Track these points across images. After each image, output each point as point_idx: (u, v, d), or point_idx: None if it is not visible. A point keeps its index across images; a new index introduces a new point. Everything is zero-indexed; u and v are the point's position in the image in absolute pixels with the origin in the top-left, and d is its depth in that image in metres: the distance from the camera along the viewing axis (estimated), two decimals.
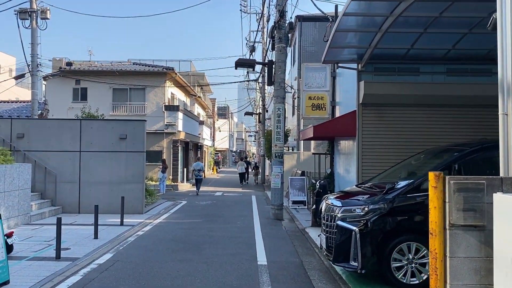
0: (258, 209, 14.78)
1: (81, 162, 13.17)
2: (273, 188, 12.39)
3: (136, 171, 13.22)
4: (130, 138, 13.24)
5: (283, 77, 12.48)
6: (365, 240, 5.58)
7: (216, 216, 12.79)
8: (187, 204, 16.03)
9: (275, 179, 12.31)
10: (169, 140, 23.53)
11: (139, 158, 13.26)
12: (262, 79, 29.02)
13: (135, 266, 6.89)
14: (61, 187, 13.04)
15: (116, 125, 13.38)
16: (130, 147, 13.23)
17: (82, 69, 23.29)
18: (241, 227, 10.85)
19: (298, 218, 12.51)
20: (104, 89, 23.30)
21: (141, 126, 13.38)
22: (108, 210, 12.85)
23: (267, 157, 27.10)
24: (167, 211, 13.96)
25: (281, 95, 12.47)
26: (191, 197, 18.82)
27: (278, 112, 12.40)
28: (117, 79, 23.09)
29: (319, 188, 9.82)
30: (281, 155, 12.39)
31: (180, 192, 21.83)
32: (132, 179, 13.17)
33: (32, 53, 18.99)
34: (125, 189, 13.06)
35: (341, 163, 9.79)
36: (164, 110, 23.37)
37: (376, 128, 8.48)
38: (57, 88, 23.51)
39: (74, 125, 13.33)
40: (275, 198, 12.31)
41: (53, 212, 12.49)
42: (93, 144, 13.21)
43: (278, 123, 12.37)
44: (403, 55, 8.42)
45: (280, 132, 12.40)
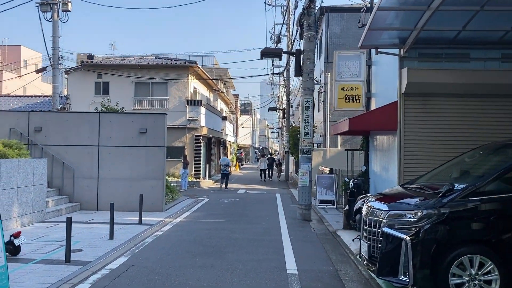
0: (284, 208, 13.97)
1: (100, 157, 12.63)
2: (300, 186, 11.55)
3: (157, 166, 12.60)
4: (150, 132, 12.61)
5: (312, 67, 11.60)
6: (418, 251, 4.71)
7: (240, 216, 12.05)
8: (209, 202, 15.35)
9: (303, 176, 11.47)
10: (191, 135, 22.93)
11: (159, 153, 12.62)
12: (286, 73, 28.14)
13: (151, 272, 6.18)
14: (79, 183, 12.53)
15: (136, 119, 12.77)
16: (150, 141, 12.61)
17: (104, 63, 22.90)
18: (267, 228, 10.07)
19: (327, 219, 11.65)
20: (126, 83, 22.85)
21: (161, 119, 12.74)
22: (127, 207, 12.29)
23: (291, 154, 26.25)
24: (188, 209, 13.30)
25: (310, 86, 11.60)
26: (213, 194, 18.15)
27: (307, 105, 11.54)
28: (139, 73, 22.60)
29: (353, 187, 8.94)
30: (309, 151, 11.54)
31: (202, 189, 21.21)
32: (152, 175, 12.56)
33: (53, 46, 18.63)
34: (145, 186, 12.46)
35: (378, 161, 8.88)
36: (186, 105, 22.77)
37: (420, 121, 7.54)
38: (79, 82, 23.19)
39: (92, 118, 12.79)
40: (302, 197, 11.47)
41: (70, 209, 11.99)
42: (112, 138, 12.64)
43: (306, 116, 11.51)
44: (451, 39, 7.44)
45: (308, 126, 11.54)
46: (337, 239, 9.04)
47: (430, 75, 7.37)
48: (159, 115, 12.94)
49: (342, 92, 9.54)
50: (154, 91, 22.98)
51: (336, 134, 9.78)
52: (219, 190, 20.19)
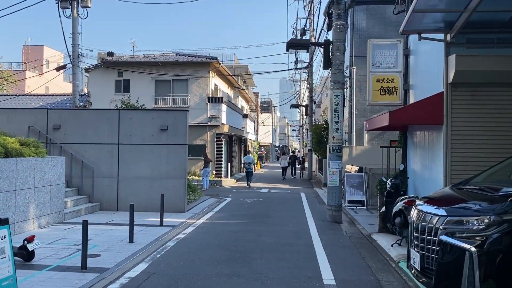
0: (310, 208, 13.28)
1: (120, 156, 12.19)
2: (330, 186, 10.86)
3: (178, 165, 12.08)
4: (172, 130, 12.11)
5: (341, 59, 10.89)
6: (486, 264, 4.00)
7: (265, 217, 11.43)
8: (232, 202, 14.78)
9: (333, 175, 10.77)
10: (212, 133, 22.43)
11: (181, 151, 12.10)
12: (309, 69, 27.38)
13: (173, 282, 5.62)
14: (98, 182, 12.12)
15: (157, 116, 12.28)
16: (172, 139, 12.10)
17: (124, 60, 22.59)
18: (295, 232, 9.42)
19: (359, 220, 10.93)
20: (146, 81, 22.51)
21: (182, 116, 12.21)
22: (148, 207, 11.83)
23: (315, 152, 25.50)
24: (211, 210, 12.76)
25: (340, 79, 10.89)
26: (236, 194, 17.58)
27: (336, 99, 10.83)
28: (159, 71, 22.22)
29: (391, 187, 8.20)
30: (339, 149, 10.83)
31: (224, 188, 20.68)
32: (174, 174, 12.05)
33: (73, 43, 18.36)
34: (166, 185, 11.97)
35: (418, 158, 8.13)
36: (207, 102, 22.27)
37: (470, 114, 6.77)
38: (99, 80, 22.96)
39: (112, 115, 12.35)
40: (332, 198, 10.77)
41: (90, 210, 11.59)
42: (132, 136, 12.19)
43: (335, 111, 10.81)
44: (506, 22, 6.65)
45: (338, 122, 10.84)
46: (373, 244, 8.33)
47: (480, 63, 6.60)
48: (180, 111, 12.42)
49: (377, 84, 8.79)
50: (174, 89, 22.57)
51: (372, 129, 9.06)
52: (241, 190, 19.63)
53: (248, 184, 21.30)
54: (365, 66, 22.67)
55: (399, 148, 9.33)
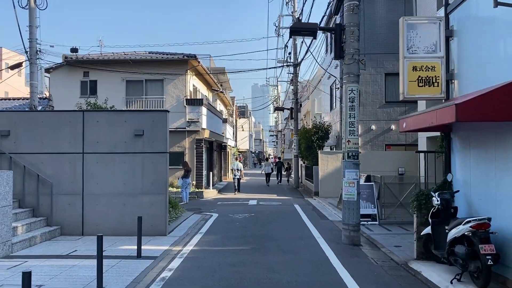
0: (314, 225, 11.34)
1: (85, 168, 9.93)
2: (346, 200, 8.93)
3: (157, 178, 9.93)
4: (149, 135, 9.95)
5: (356, 46, 9.04)
6: None
7: (267, 239, 9.39)
8: (220, 219, 12.67)
9: (349, 187, 8.85)
10: (191, 139, 20.25)
11: (160, 161, 9.96)
12: (294, 69, 25.59)
13: None
14: (58, 200, 9.82)
15: (130, 118, 10.09)
16: (149, 146, 9.95)
17: (90, 58, 20.16)
18: (313, 262, 7.43)
19: (379, 241, 9.07)
20: (116, 81, 20.15)
21: (162, 118, 10.08)
22: (121, 230, 9.65)
23: (303, 158, 23.67)
24: (197, 230, 10.64)
25: (355, 71, 9.04)
26: (221, 208, 15.47)
27: (351, 95, 8.96)
28: (131, 70, 19.92)
29: (440, 204, 6.35)
30: (356, 155, 8.95)
31: (206, 200, 18.51)
32: (152, 189, 9.89)
33: (30, 38, 15.95)
34: (143, 203, 9.81)
35: (475, 166, 6.31)
36: (185, 105, 20.09)
37: None
38: (62, 81, 20.43)
39: (74, 118, 10.08)
40: (349, 215, 8.85)
41: (47, 235, 9.27)
42: (100, 143, 9.96)
43: (351, 110, 8.93)
44: None
45: (354, 123, 8.96)
46: (418, 278, 6.44)
47: None
48: (159, 112, 10.29)
49: (414, 73, 6.95)
50: (148, 90, 20.28)
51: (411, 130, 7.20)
52: (226, 202, 17.52)
53: (237, 190, 21.55)
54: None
55: (440, 153, 7.51)
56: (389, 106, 20.42)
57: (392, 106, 20.39)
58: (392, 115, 20.43)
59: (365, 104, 20.54)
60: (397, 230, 10.43)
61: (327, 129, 21.03)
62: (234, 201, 17.89)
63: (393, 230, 10.40)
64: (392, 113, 20.43)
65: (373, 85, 20.51)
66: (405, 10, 20.90)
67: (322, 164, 19.14)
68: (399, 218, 11.37)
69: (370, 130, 20.48)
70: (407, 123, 7.11)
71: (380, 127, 20.33)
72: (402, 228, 10.66)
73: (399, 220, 11.37)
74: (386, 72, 20.38)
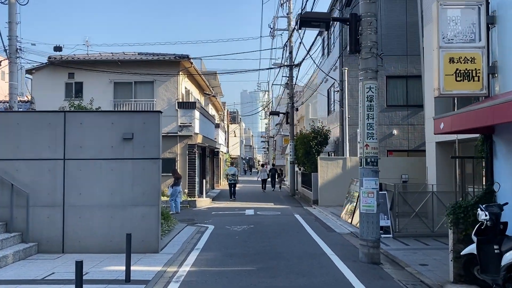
0: (322, 239, 10.29)
1: (66, 176, 8.77)
2: (364, 213, 7.90)
3: (149, 187, 8.81)
4: (139, 139, 8.84)
5: (374, 39, 8.10)
6: None
7: (273, 257, 8.30)
8: (217, 232, 11.55)
9: (368, 198, 7.83)
10: (183, 144, 19.10)
11: (152, 168, 8.83)
12: (289, 71, 24.64)
13: None
14: (36, 213, 8.64)
15: (118, 120, 8.96)
16: (139, 151, 8.83)
17: (76, 59, 18.93)
18: (331, 284, 6.36)
19: (400, 257, 8.06)
20: (103, 83, 18.95)
21: (154, 120, 8.97)
22: (108, 247, 8.52)
23: (299, 164, 22.65)
24: (193, 246, 9.51)
25: (372, 66, 8.09)
26: (217, 218, 14.34)
27: (369, 93, 7.98)
28: (119, 71, 18.74)
29: (490, 219, 5.34)
30: (375, 161, 7.94)
31: (200, 210, 17.34)
32: (143, 200, 8.76)
33: (9, 35, 14.79)
34: (132, 216, 8.68)
35: None
36: (177, 108, 18.95)
37: None
38: (46, 83, 19.16)
39: (55, 120, 8.92)
40: (368, 229, 7.82)
41: (22, 254, 8.07)
42: (84, 148, 8.82)
43: (369, 110, 7.95)
44: None
45: (373, 125, 7.97)
46: None
47: None
48: (151, 113, 9.19)
49: (451, 66, 5.99)
50: (137, 93, 19.11)
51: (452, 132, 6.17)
52: (221, 211, 16.39)
53: (233, 197, 21.17)
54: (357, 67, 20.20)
55: (480, 158, 6.52)
56: (391, 110, 19.55)
57: (394, 110, 19.52)
58: (393, 119, 19.55)
59: None
60: (415, 244, 9.42)
61: (326, 134, 20.06)
62: (229, 210, 16.76)
63: (411, 244, 9.39)
64: (394, 117, 19.56)
65: None
66: (406, 10, 20.13)
67: (321, 171, 18.13)
68: (414, 230, 10.38)
69: None
70: (446, 123, 6.10)
71: (381, 132, 19.41)
72: (419, 242, 9.66)
73: (415, 233, 10.37)
74: (388, 75, 19.54)
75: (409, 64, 19.47)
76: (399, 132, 19.47)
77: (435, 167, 13.91)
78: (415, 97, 19.66)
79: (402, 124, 19.48)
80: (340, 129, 19.76)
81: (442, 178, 13.71)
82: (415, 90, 19.70)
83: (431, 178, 14.16)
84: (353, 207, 12.90)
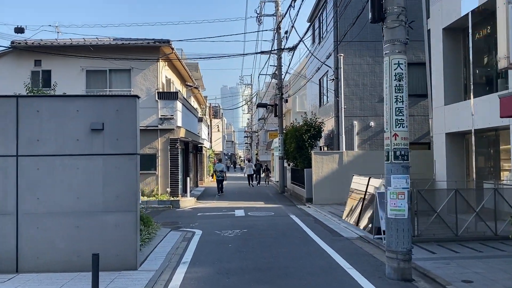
0: (330, 246, 8.80)
1: (20, 176, 7.04)
2: (391, 218, 6.42)
3: (124, 189, 7.14)
4: (111, 130, 7.16)
5: (401, 3, 6.57)
6: None
7: (278, 274, 6.75)
8: (206, 238, 9.95)
9: (397, 200, 6.34)
10: (164, 139, 17.37)
11: (128, 166, 7.17)
12: (278, 61, 23.10)
13: None
14: None
15: (85, 106, 7.25)
16: (112, 145, 7.15)
17: (43, 44, 16.93)
18: None
19: (432, 270, 6.62)
20: (74, 71, 17.05)
21: (129, 106, 7.29)
22: (74, 264, 6.87)
23: (290, 159, 21.18)
24: (179, 258, 7.91)
25: (401, 37, 6.56)
26: (204, 221, 12.73)
27: (398, 70, 6.48)
28: (92, 58, 16.86)
29: None
30: (406, 154, 6.44)
31: (184, 210, 15.67)
32: (117, 205, 7.10)
33: None
34: (105, 224, 7.02)
35: None
36: (157, 99, 17.20)
37: None
38: (8, 71, 17.13)
39: (5, 107, 7.16)
40: (398, 239, 6.34)
41: None
42: (42, 141, 7.09)
43: (398, 91, 6.44)
44: None
45: (402, 109, 6.47)
46: None
47: None
48: (126, 98, 7.46)
49: None
50: (113, 82, 17.26)
51: None
52: (208, 212, 14.77)
53: (220, 192, 21.72)
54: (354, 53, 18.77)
55: None
56: None
57: None
58: None
59: (363, 98, 18.28)
60: (441, 252, 8.02)
61: (319, 127, 18.61)
62: (217, 211, 15.16)
63: (438, 252, 7.98)
64: None
65: (371, 76, 18.29)
66: None
67: (316, 167, 16.68)
68: (437, 235, 8.97)
69: (369, 128, 18.23)
70: None
71: (379, 124, 18.10)
72: (444, 248, 8.27)
73: (434, 237, 8.97)
74: None
75: (408, 50, 18.11)
76: None
77: (445, 160, 12.61)
78: (415, 86, 18.37)
79: None
80: (335, 121, 18.34)
81: (453, 173, 12.43)
82: (414, 78, 18.39)
83: (440, 173, 12.87)
84: (358, 208, 11.47)
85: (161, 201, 16.19)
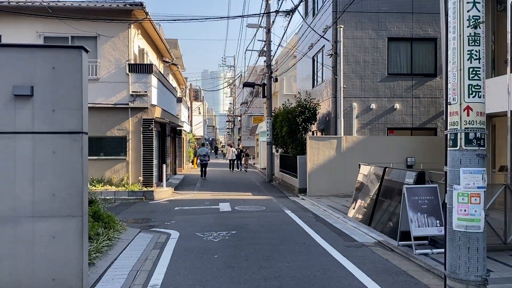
0: (347, 257, 6.75)
1: None
2: (458, 231, 4.37)
3: (65, 183, 4.90)
4: (44, 96, 4.88)
5: None
6: None
7: None
8: (185, 245, 7.76)
9: (469, 206, 4.27)
10: (137, 119, 14.97)
11: (71, 150, 4.91)
12: (267, 36, 20.78)
13: None
14: None
15: (4, 60, 4.91)
16: (45, 119, 4.88)
17: None
18: None
19: None
20: (29, 38, 14.43)
21: (72, 62, 4.98)
22: None
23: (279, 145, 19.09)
24: (147, 278, 5.73)
25: None
26: (182, 218, 10.55)
27: (473, 13, 4.37)
28: (51, 22, 14.29)
29: None
30: (482, 137, 4.36)
31: (158, 203, 13.42)
32: (52, 207, 4.86)
33: None
34: (35, 236, 4.80)
35: None
36: (128, 72, 14.77)
37: None
38: None
39: None
40: (468, 261, 4.31)
41: None
42: None
43: (472, 44, 4.35)
44: None
45: (479, 70, 4.37)
46: None
47: None
48: (66, 50, 5.09)
49: None
50: None
51: None
52: (187, 207, 12.56)
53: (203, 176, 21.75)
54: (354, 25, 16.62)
55: None
56: (393, 80, 16.22)
57: (396, 80, 16.21)
58: (396, 91, 16.24)
59: (363, 77, 16.21)
60: (495, 267, 6.05)
61: (315, 109, 16.52)
62: (198, 204, 12.96)
63: (493, 269, 5.98)
64: (396, 88, 16.25)
65: (373, 52, 16.20)
66: None
67: (311, 153, 14.63)
68: None
69: (370, 110, 16.21)
70: None
71: (381, 106, 16.12)
72: (494, 261, 6.32)
73: None
74: (390, 36, 16.14)
75: (415, 23, 16.11)
76: (402, 106, 16.21)
77: None
78: (421, 64, 16.42)
79: (406, 96, 16.21)
80: (333, 102, 16.25)
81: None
82: (421, 55, 16.43)
83: None
84: (370, 204, 9.46)
85: (132, 192, 13.90)
